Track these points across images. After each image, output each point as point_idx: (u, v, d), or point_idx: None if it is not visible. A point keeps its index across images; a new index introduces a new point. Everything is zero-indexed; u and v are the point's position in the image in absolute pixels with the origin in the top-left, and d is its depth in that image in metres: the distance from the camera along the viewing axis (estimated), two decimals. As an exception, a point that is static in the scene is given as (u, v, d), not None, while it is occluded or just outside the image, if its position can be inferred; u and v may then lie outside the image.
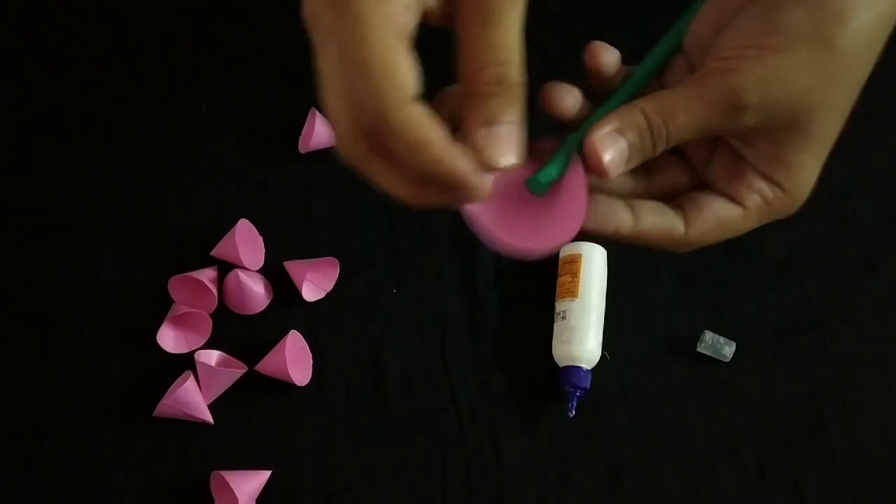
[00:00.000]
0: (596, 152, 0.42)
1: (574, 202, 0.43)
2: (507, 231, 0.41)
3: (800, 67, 0.42)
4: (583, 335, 0.68)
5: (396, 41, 0.37)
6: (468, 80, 0.39)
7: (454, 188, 0.38)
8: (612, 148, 0.43)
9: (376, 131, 0.36)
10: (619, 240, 0.45)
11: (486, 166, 0.39)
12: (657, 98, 0.44)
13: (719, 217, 0.46)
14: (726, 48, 0.44)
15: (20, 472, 0.67)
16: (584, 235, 0.43)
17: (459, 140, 0.38)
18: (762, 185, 0.46)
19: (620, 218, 0.45)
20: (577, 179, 0.43)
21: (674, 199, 0.47)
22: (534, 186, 0.43)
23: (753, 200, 0.46)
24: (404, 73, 0.37)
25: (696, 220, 0.46)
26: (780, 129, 0.44)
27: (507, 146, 0.39)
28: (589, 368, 0.67)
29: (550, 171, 0.43)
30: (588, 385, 0.67)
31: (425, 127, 0.37)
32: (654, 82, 0.47)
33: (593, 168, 0.42)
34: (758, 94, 0.42)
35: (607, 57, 0.47)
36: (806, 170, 0.45)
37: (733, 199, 0.46)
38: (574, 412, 0.67)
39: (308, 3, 0.38)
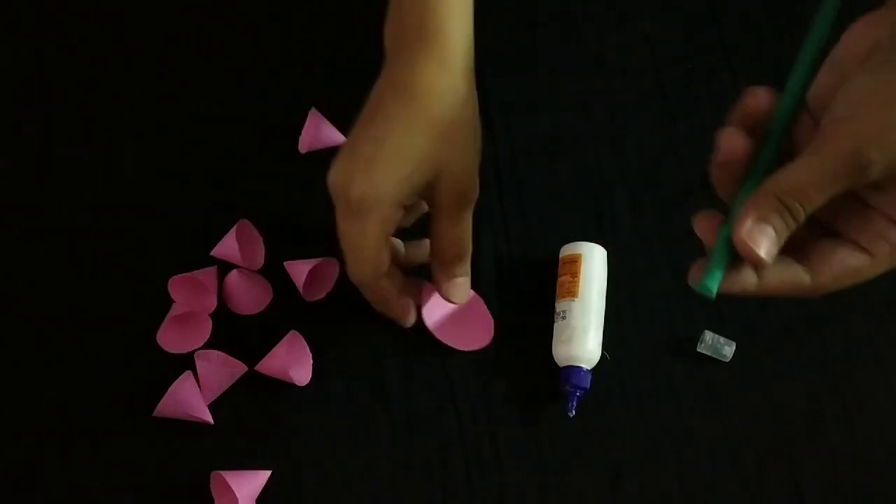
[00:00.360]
0: (750, 249, 0.45)
1: (484, 318, 0.70)
2: (447, 337, 0.69)
3: None
4: (583, 335, 0.68)
5: (384, 234, 0.60)
6: (438, 253, 0.64)
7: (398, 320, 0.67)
8: (763, 240, 0.45)
9: (360, 284, 0.64)
10: (748, 297, 0.48)
11: (449, 302, 0.66)
12: (785, 179, 0.45)
13: (846, 265, 0.47)
14: (841, 107, 0.45)
15: (20, 472, 0.67)
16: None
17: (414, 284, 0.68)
18: (891, 231, 0.46)
19: (744, 279, 0.47)
20: (479, 303, 0.70)
21: (800, 248, 0.47)
22: (705, 290, 0.47)
23: (882, 248, 0.46)
24: (383, 258, 0.62)
25: (821, 270, 0.47)
26: None
27: (461, 293, 0.66)
28: (589, 368, 0.67)
29: (716, 275, 0.47)
30: (588, 385, 0.67)
31: (387, 291, 0.65)
32: (785, 139, 0.48)
33: (751, 262, 0.46)
34: (879, 148, 0.43)
35: (764, 100, 0.48)
36: None
37: (861, 247, 0.46)
38: (574, 412, 0.67)
39: (331, 187, 0.60)
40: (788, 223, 0.45)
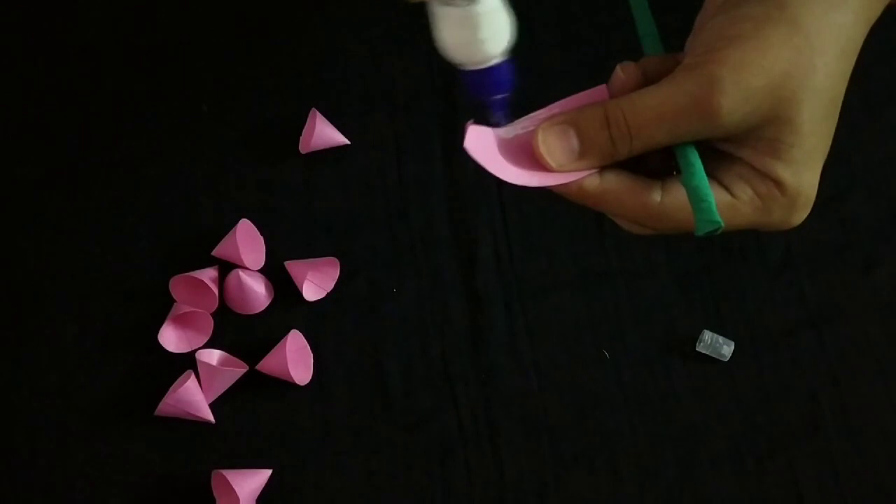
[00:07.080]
0: (539, 148, 0.45)
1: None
2: (497, 167, 0.47)
3: (772, 50, 0.42)
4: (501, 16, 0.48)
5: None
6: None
7: None
8: (557, 146, 0.45)
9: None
10: (586, 199, 0.46)
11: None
12: (629, 100, 0.44)
13: None
14: (697, 46, 0.44)
15: (20, 472, 0.67)
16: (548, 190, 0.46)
17: None
18: (755, 179, 0.44)
19: (586, 179, 0.45)
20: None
21: (658, 174, 0.46)
22: (709, 227, 0.43)
23: (745, 191, 0.44)
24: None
25: (675, 190, 0.45)
26: (768, 124, 0.43)
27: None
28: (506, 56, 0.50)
29: (713, 218, 0.43)
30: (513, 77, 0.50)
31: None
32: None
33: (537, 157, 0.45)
34: (734, 81, 0.41)
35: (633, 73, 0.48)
36: (802, 168, 0.44)
37: (724, 185, 0.45)
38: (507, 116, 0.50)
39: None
40: (608, 147, 0.43)
